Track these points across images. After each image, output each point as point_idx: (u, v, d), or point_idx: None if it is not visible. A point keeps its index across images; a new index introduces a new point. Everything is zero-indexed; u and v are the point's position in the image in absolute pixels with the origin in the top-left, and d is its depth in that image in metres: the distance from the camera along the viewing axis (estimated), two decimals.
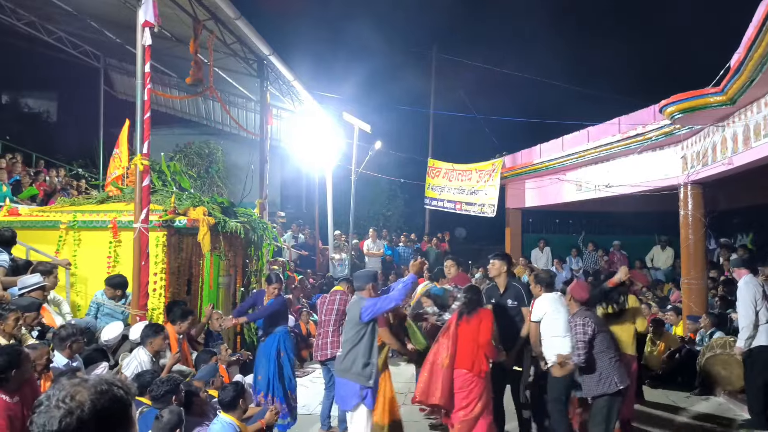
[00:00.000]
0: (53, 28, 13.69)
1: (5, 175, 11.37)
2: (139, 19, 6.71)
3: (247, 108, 16.49)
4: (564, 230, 17.42)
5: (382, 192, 21.42)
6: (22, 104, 22.85)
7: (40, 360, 4.20)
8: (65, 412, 1.28)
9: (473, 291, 5.72)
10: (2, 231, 6.54)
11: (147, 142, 6.77)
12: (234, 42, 10.28)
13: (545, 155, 12.94)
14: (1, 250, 6.32)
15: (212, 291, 7.88)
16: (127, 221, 6.94)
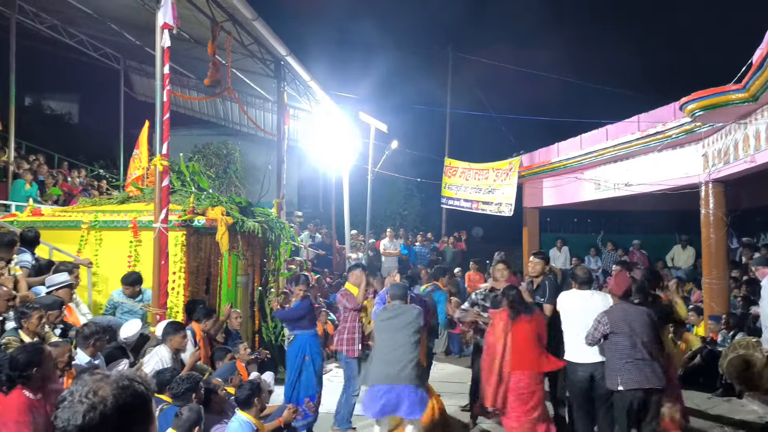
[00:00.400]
0: (75, 31, 13.92)
1: (29, 176, 11.59)
2: (158, 21, 6.79)
3: (264, 108, 16.60)
4: (582, 229, 17.28)
5: (398, 191, 21.42)
6: (44, 106, 23.25)
7: (62, 357, 4.27)
8: (88, 407, 1.31)
9: (515, 290, 5.69)
10: (25, 231, 6.67)
11: (166, 142, 6.85)
12: (251, 43, 10.36)
13: (563, 154, 12.82)
14: (24, 250, 6.44)
15: (230, 290, 7.96)
16: (147, 221, 7.03)
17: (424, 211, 22.02)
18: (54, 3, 11.75)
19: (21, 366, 3.68)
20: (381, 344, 5.46)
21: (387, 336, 5.40)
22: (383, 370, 5.29)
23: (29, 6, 12.39)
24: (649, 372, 5.08)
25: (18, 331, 4.73)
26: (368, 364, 5.70)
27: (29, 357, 3.72)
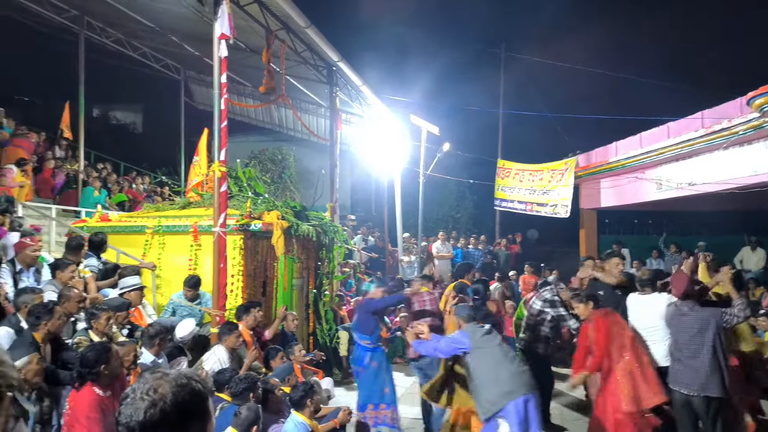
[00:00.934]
0: (138, 44, 14.58)
1: (98, 183, 12.19)
2: (215, 32, 7.02)
3: (317, 114, 16.87)
4: (643, 231, 16.70)
5: (450, 194, 21.29)
6: (111, 117, 24.43)
7: (128, 356, 4.46)
8: (149, 404, 1.38)
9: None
10: (92, 236, 7.01)
11: (224, 149, 7.06)
12: (304, 50, 10.55)
13: (622, 153, 12.43)
14: (91, 254, 6.77)
15: (286, 293, 8.11)
16: (207, 225, 7.27)
17: (477, 213, 21.80)
18: (119, 18, 12.35)
19: (90, 363, 3.88)
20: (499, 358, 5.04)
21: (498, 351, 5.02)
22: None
23: (96, 22, 13.06)
24: (697, 376, 4.88)
25: (88, 331, 4.99)
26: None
27: (97, 355, 3.92)
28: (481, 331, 5.09)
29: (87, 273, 6.33)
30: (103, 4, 11.32)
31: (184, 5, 9.93)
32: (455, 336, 5.16)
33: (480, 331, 5.07)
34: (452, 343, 5.10)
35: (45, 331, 4.35)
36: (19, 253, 5.99)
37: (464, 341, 5.02)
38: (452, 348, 5.08)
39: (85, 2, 11.67)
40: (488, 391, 4.77)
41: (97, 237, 7.00)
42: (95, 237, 6.99)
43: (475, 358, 4.95)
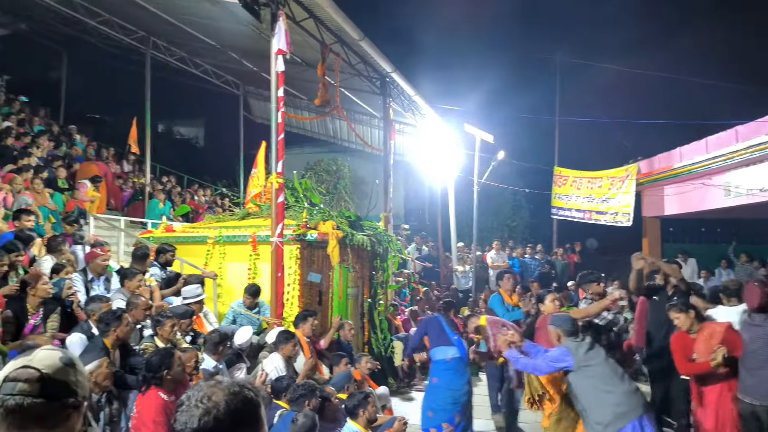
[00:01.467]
0: (200, 61, 15.19)
1: (162, 196, 12.73)
2: (273, 47, 7.23)
3: (371, 125, 17.04)
4: (711, 239, 15.94)
5: (505, 203, 21.00)
6: (174, 132, 25.49)
7: (190, 362, 4.61)
8: (203, 411, 1.40)
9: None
10: (160, 246, 7.31)
11: (281, 161, 7.24)
12: (358, 62, 10.71)
13: (686, 158, 11.95)
14: (154, 263, 7.06)
15: (341, 302, 8.19)
16: (265, 236, 7.45)
17: (533, 222, 21.39)
18: (182, 37, 12.92)
19: (154, 368, 4.05)
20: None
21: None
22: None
23: (161, 41, 13.71)
24: (764, 387, 4.61)
25: (154, 337, 5.20)
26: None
27: (161, 360, 4.09)
28: (583, 346, 4.63)
29: (152, 282, 6.61)
30: (168, 25, 11.88)
31: (243, 23, 10.28)
32: (555, 354, 4.66)
33: (583, 347, 4.62)
34: (552, 363, 4.63)
35: (114, 337, 4.56)
36: (90, 262, 6.32)
37: (566, 359, 4.56)
38: (552, 368, 4.65)
39: (151, 23, 12.27)
40: (600, 412, 4.37)
41: (164, 248, 7.29)
42: (161, 248, 7.28)
43: (580, 378, 4.54)
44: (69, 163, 11.64)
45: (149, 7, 10.95)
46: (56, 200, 9.42)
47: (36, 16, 13.72)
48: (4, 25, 15.44)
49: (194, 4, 9.93)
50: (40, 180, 9.16)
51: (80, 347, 4.64)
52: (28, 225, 6.79)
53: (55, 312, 5.15)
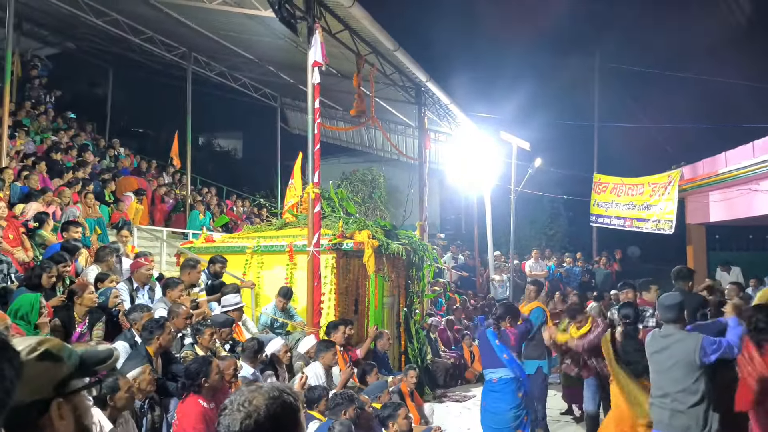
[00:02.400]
0: (239, 75, 15.57)
1: (202, 207, 13.04)
2: (309, 60, 7.36)
3: (405, 134, 17.09)
4: (760, 247, 15.32)
5: (543, 211, 20.70)
6: (214, 144, 26.12)
7: (228, 370, 4.69)
8: (245, 415, 1.46)
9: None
10: (213, 258, 7.48)
11: (317, 171, 7.33)
12: (393, 72, 10.77)
13: (732, 163, 11.56)
14: (204, 270, 7.24)
15: (377, 311, 8.21)
16: (302, 245, 7.54)
17: (572, 230, 21.01)
18: (221, 52, 13.26)
19: (192, 375, 4.15)
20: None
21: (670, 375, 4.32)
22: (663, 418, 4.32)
23: (202, 57, 14.10)
24: None
25: (194, 345, 5.31)
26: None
27: (199, 367, 4.19)
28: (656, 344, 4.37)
29: (202, 296, 6.74)
30: (208, 40, 12.22)
31: (280, 37, 10.49)
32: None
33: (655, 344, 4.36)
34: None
35: (157, 345, 4.68)
36: (135, 272, 6.52)
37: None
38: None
39: (192, 40, 12.64)
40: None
41: (213, 258, 7.49)
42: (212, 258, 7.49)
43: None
44: (114, 175, 12.06)
45: (190, 24, 11.30)
46: (102, 212, 9.76)
47: (83, 35, 14.32)
48: (53, 44, 16.15)
49: (233, 19, 10.19)
50: (91, 193, 9.51)
51: (124, 355, 4.78)
52: (75, 236, 7.05)
53: (101, 320, 5.33)
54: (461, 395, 8.80)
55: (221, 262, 7.40)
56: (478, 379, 9.69)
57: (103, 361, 1.43)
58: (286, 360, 5.98)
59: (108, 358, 1.44)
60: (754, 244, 15.42)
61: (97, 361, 1.42)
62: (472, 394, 8.93)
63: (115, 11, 11.63)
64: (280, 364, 5.94)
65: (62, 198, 8.67)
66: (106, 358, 1.44)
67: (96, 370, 1.43)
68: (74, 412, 1.36)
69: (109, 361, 1.44)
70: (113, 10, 11.57)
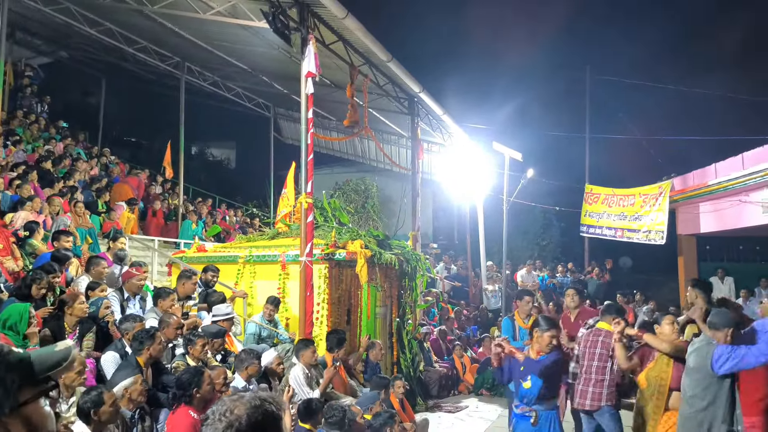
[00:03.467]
0: (232, 85, 15.59)
1: (194, 216, 12.99)
2: (303, 70, 7.38)
3: (398, 144, 17.15)
4: (750, 257, 15.42)
5: (535, 221, 20.77)
6: (207, 154, 26.09)
7: (218, 379, 4.67)
8: (226, 425, 1.47)
9: None
10: (206, 267, 7.46)
11: (310, 182, 7.34)
12: (386, 83, 10.83)
13: (722, 175, 11.66)
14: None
15: (370, 321, 8.19)
16: (294, 255, 7.53)
17: (564, 240, 21.08)
18: (215, 62, 13.29)
19: (184, 385, 4.12)
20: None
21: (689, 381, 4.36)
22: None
23: (195, 67, 14.12)
24: None
25: (185, 356, 5.28)
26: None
27: (190, 378, 4.16)
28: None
29: (194, 311, 6.70)
30: (201, 51, 12.24)
31: (274, 47, 10.53)
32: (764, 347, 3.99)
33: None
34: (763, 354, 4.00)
35: (147, 355, 4.65)
36: (126, 282, 6.48)
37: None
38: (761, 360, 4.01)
39: (186, 49, 12.66)
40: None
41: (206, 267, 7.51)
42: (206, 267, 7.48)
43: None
44: (108, 184, 12.02)
45: (184, 34, 11.32)
46: (93, 222, 9.71)
47: (76, 45, 14.31)
48: (46, 54, 16.13)
49: (227, 29, 10.22)
50: (82, 203, 9.46)
51: (114, 365, 4.74)
52: (66, 245, 7.01)
53: (91, 331, 5.29)
54: (454, 406, 8.77)
55: (213, 271, 7.39)
56: (471, 390, 9.69)
57: (58, 363, 1.34)
58: (280, 372, 5.96)
59: (64, 360, 1.34)
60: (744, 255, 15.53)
61: (50, 364, 1.33)
62: (464, 404, 8.91)
63: (109, 21, 11.64)
64: (274, 376, 5.91)
65: (52, 207, 8.62)
66: (61, 360, 1.34)
67: (50, 375, 1.34)
68: (27, 424, 1.27)
69: (65, 364, 1.34)
70: (107, 20, 11.59)
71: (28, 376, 1.30)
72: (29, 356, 1.31)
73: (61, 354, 1.35)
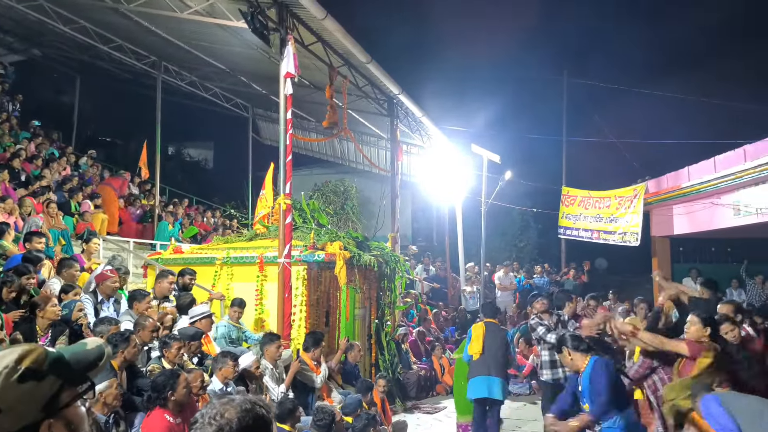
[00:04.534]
0: (210, 85, 15.43)
1: (171, 218, 12.82)
2: (281, 71, 7.35)
3: (378, 146, 17.17)
4: (722, 259, 15.75)
5: (513, 223, 20.95)
6: (184, 154, 25.77)
7: (195, 382, 4.61)
8: (216, 428, 1.43)
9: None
10: (182, 270, 7.35)
11: (289, 183, 7.31)
12: (365, 84, 10.83)
13: (695, 178, 11.91)
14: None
15: (349, 322, 8.17)
16: (273, 257, 7.48)
17: (542, 242, 21.30)
18: (192, 62, 13.14)
19: (159, 388, 4.06)
20: None
21: None
22: None
23: (173, 66, 13.95)
24: None
25: (161, 359, 5.20)
26: None
27: (166, 380, 4.10)
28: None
29: (167, 309, 6.60)
30: (179, 50, 12.10)
31: (252, 47, 10.45)
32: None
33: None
34: None
35: (122, 358, 4.57)
36: (100, 284, 6.37)
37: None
38: None
39: (162, 49, 12.50)
40: None
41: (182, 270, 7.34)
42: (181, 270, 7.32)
43: None
44: (82, 185, 11.81)
45: (161, 33, 11.18)
46: (66, 223, 9.53)
47: (50, 42, 14.03)
48: (18, 51, 15.77)
49: (205, 29, 10.12)
50: (54, 203, 9.28)
51: None
52: (38, 247, 6.86)
53: (63, 334, 5.18)
54: (432, 407, 8.80)
55: (191, 275, 7.29)
56: (449, 391, 9.72)
57: (94, 363, 1.29)
58: (258, 374, 5.91)
59: (100, 359, 1.30)
60: (716, 256, 15.85)
61: (87, 364, 1.28)
62: (442, 405, 8.94)
63: (83, 19, 11.43)
64: (251, 379, 5.86)
65: (24, 207, 8.44)
66: (97, 359, 1.30)
67: (88, 376, 1.29)
68: (68, 427, 1.23)
69: (102, 362, 1.30)
70: (81, 17, 11.38)
71: (67, 376, 1.24)
72: (63, 354, 1.25)
73: (95, 352, 1.30)
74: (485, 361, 6.34)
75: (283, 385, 5.78)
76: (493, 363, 6.34)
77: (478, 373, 6.35)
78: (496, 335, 6.51)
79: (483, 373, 6.31)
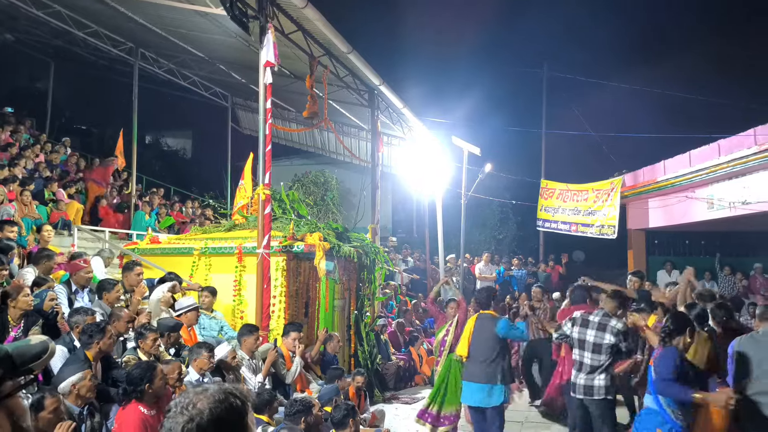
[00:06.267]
0: (188, 73, 15.18)
1: (148, 207, 12.64)
2: (261, 59, 7.26)
3: (358, 137, 17.10)
4: (695, 252, 16.04)
5: (493, 215, 21.09)
6: (162, 143, 25.40)
7: (172, 374, 4.57)
8: (187, 419, 1.41)
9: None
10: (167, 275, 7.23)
11: (268, 173, 7.24)
12: (346, 75, 10.76)
13: (670, 172, 12.11)
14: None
15: (328, 314, 8.17)
16: (251, 247, 7.43)
17: (520, 234, 21.49)
18: (170, 49, 12.91)
19: (135, 381, 4.01)
20: None
21: None
22: None
23: (150, 53, 13.70)
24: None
25: (137, 350, 5.14)
26: None
27: (142, 373, 4.05)
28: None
29: (145, 304, 6.49)
30: (156, 37, 11.87)
31: (231, 35, 10.31)
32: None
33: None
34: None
35: (97, 349, 4.51)
36: (73, 274, 6.25)
37: None
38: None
39: (139, 35, 12.26)
40: None
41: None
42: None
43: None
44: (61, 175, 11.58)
45: (138, 19, 10.95)
46: (40, 212, 9.33)
47: (23, 27, 13.65)
48: None
49: (183, 16, 9.94)
50: (29, 191, 9.06)
51: (62, 359, 4.57)
52: (10, 235, 6.71)
53: (36, 324, 5.08)
54: (411, 397, 8.85)
55: (177, 281, 7.16)
56: (427, 382, 9.78)
57: (37, 356, 1.33)
58: (234, 365, 5.87)
59: (43, 353, 1.35)
60: (690, 249, 16.14)
61: (30, 357, 1.32)
62: (421, 396, 8.99)
63: (58, 3, 11.14)
64: (228, 369, 5.82)
65: None
66: (40, 353, 1.34)
67: (31, 368, 1.32)
68: (10, 416, 1.25)
69: (45, 356, 1.35)
70: (56, 2, 11.08)
71: (10, 369, 1.28)
72: (7, 350, 1.30)
73: (38, 347, 1.35)
74: (477, 365, 5.78)
75: (260, 375, 5.77)
76: (485, 367, 5.74)
77: (470, 379, 5.83)
78: (488, 331, 5.82)
79: (476, 380, 5.77)
